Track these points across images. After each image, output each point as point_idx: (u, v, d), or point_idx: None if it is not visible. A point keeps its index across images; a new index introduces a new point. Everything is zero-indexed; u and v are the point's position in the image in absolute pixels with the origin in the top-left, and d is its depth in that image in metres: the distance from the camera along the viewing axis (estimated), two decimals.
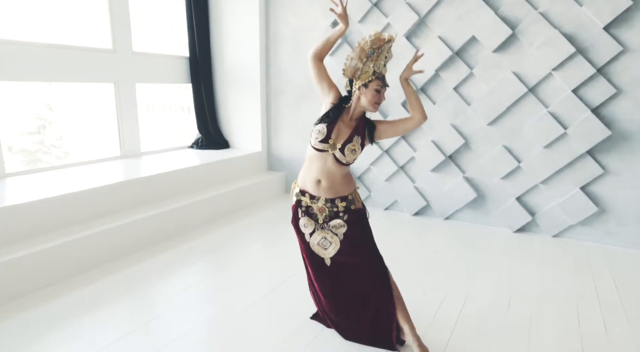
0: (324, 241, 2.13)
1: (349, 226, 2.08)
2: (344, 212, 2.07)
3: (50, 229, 3.21)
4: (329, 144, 1.99)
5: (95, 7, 4.47)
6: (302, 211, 2.14)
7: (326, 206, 2.07)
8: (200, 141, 5.51)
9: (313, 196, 2.09)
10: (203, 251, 3.67)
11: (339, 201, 2.06)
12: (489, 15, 3.88)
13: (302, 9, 4.88)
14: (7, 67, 3.69)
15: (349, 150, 1.98)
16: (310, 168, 2.07)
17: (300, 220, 2.16)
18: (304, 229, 2.16)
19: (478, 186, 4.31)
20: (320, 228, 2.12)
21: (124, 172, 4.14)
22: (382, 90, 1.99)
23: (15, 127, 8.69)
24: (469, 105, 4.16)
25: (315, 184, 2.06)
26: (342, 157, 1.99)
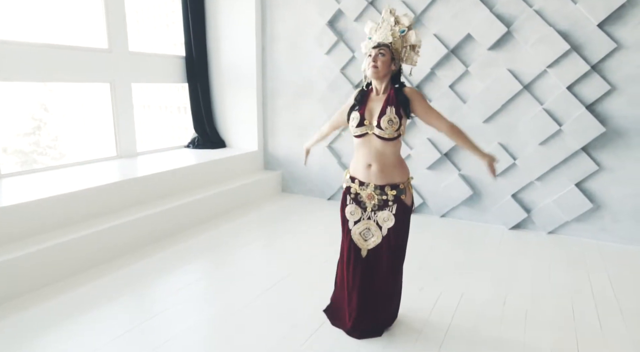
0: (366, 232, 2.13)
1: (396, 221, 2.07)
2: (393, 201, 2.05)
3: (47, 230, 3.21)
4: (365, 125, 2.03)
5: (91, 7, 4.46)
6: (351, 198, 2.15)
7: (375, 193, 2.05)
8: (196, 141, 5.51)
9: (362, 182, 2.09)
10: (200, 250, 3.68)
11: (389, 189, 2.04)
12: (484, 13, 3.89)
13: (299, 7, 4.89)
14: (1, 67, 3.67)
15: (385, 122, 1.97)
16: (359, 154, 2.10)
17: (348, 207, 2.17)
18: (350, 216, 2.15)
19: (474, 184, 4.33)
20: (367, 218, 2.11)
21: (120, 172, 4.13)
22: (375, 51, 2.01)
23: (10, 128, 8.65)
24: (464, 103, 4.18)
25: (366, 169, 2.07)
26: (383, 132, 1.98)
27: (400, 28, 2.05)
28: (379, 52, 2.00)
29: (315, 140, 2.53)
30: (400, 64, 2.09)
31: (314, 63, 4.84)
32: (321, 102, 4.90)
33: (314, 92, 4.94)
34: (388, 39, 2.03)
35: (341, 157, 4.97)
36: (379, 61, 2.00)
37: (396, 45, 2.05)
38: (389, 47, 2.02)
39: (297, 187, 5.40)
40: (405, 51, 2.07)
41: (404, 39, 2.06)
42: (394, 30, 2.05)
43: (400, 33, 2.05)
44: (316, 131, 2.59)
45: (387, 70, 2.03)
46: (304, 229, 4.17)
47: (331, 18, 4.65)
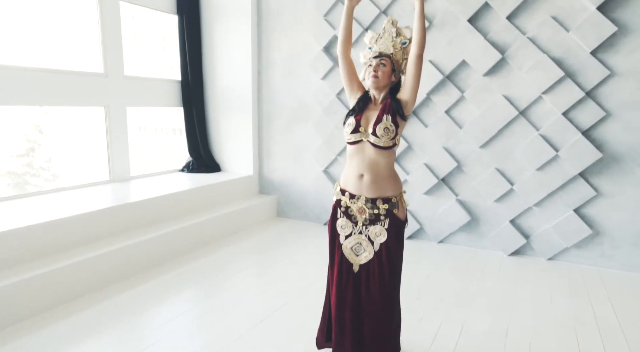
0: (358, 247, 2.04)
1: (389, 235, 1.98)
2: (385, 215, 1.97)
3: (35, 257, 3.10)
4: (360, 132, 1.97)
5: (88, 32, 4.47)
6: (342, 212, 2.07)
7: (366, 207, 1.98)
8: (191, 165, 5.46)
9: (353, 195, 2.01)
10: (193, 278, 3.57)
11: (381, 202, 1.96)
12: (478, 40, 3.94)
13: (294, 33, 4.93)
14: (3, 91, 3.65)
15: (381, 130, 1.91)
16: (351, 164, 2.02)
17: (339, 220, 2.08)
18: (341, 230, 2.07)
19: (471, 209, 4.29)
20: (358, 232, 2.03)
21: (112, 197, 4.05)
22: (375, 61, 1.98)
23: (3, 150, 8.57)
24: (460, 128, 4.18)
25: (357, 179, 1.99)
26: (378, 140, 1.92)
27: (401, 40, 2.03)
28: (380, 62, 1.97)
29: (349, 16, 2.12)
30: (400, 75, 2.07)
31: (310, 88, 4.86)
32: (317, 127, 4.89)
33: (310, 117, 4.94)
34: (389, 49, 2.01)
35: (337, 181, 4.91)
36: (380, 71, 1.97)
37: (397, 57, 2.02)
38: (390, 58, 1.99)
39: (292, 212, 5.32)
40: (406, 63, 2.03)
41: (405, 51, 2.04)
42: (395, 41, 2.02)
43: (401, 45, 2.02)
44: None
45: (387, 80, 2.00)
46: (299, 256, 4.08)
47: (327, 44, 4.68)
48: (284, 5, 4.96)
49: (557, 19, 3.71)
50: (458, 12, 4.00)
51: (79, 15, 4.50)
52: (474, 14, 3.94)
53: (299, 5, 4.84)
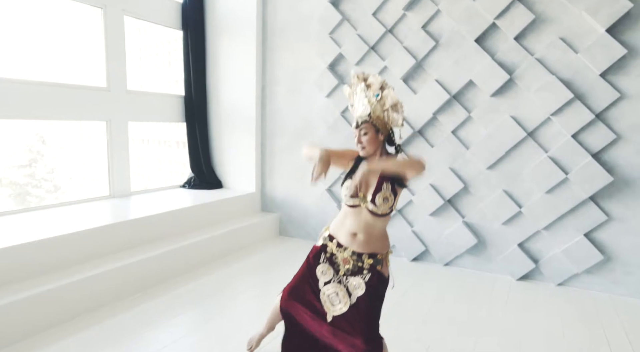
0: (334, 297, 1.98)
1: (367, 291, 1.93)
2: (368, 270, 1.94)
3: (28, 276, 3.00)
4: (360, 197, 1.92)
5: (92, 45, 4.45)
6: (326, 257, 2.03)
7: (352, 258, 1.95)
8: (192, 181, 5.38)
9: (341, 244, 1.98)
10: (191, 299, 3.46)
11: (367, 257, 1.94)
12: (486, 60, 3.89)
13: (299, 50, 4.91)
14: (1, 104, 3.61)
15: (380, 199, 1.88)
16: (345, 222, 1.99)
17: (320, 266, 2.04)
18: (321, 275, 2.03)
19: (478, 231, 4.19)
20: (338, 281, 1.99)
21: (111, 214, 3.97)
22: (357, 132, 1.94)
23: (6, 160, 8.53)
24: (467, 149, 4.10)
25: (350, 237, 1.96)
26: (376, 208, 1.89)
27: (373, 93, 1.94)
28: (360, 132, 1.93)
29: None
30: (388, 129, 1.96)
31: (314, 105, 4.81)
32: (321, 144, 4.81)
33: (314, 135, 4.88)
34: (366, 110, 1.93)
35: (341, 201, 4.82)
36: (365, 142, 1.93)
37: (376, 113, 1.92)
38: (369, 121, 1.92)
39: (294, 231, 5.22)
40: (387, 114, 1.94)
41: (381, 102, 1.94)
42: (369, 96, 1.94)
43: (375, 98, 1.93)
44: None
45: (375, 145, 1.95)
46: None
47: (332, 61, 4.65)
48: (289, 22, 4.95)
49: (565, 41, 3.67)
50: (465, 32, 3.96)
51: (83, 29, 4.49)
52: (481, 34, 3.91)
53: (305, 23, 4.83)
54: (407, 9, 4.21)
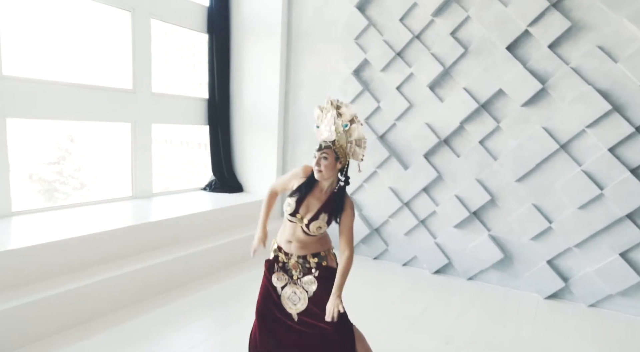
0: (293, 296, 2.11)
1: (319, 284, 2.05)
2: (315, 268, 2.07)
3: (47, 277, 3.02)
4: (297, 218, 2.02)
5: (118, 48, 4.50)
6: (279, 266, 2.15)
7: (299, 262, 2.08)
8: (213, 184, 5.38)
9: (287, 252, 2.11)
10: (210, 304, 3.43)
11: (311, 257, 2.08)
12: (517, 68, 3.74)
13: (324, 55, 4.85)
14: (31, 105, 3.67)
15: (314, 227, 1.99)
16: (285, 230, 2.11)
17: (274, 275, 2.15)
18: (277, 282, 2.14)
19: (505, 246, 4.02)
20: (294, 283, 2.12)
21: (133, 216, 3.99)
22: (318, 155, 1.97)
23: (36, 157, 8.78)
24: (495, 160, 3.95)
25: (287, 243, 2.10)
26: (308, 231, 2.01)
27: (342, 122, 1.98)
28: (321, 156, 1.96)
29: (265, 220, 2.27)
30: (347, 159, 2.01)
31: None
32: None
33: None
34: (332, 135, 1.97)
35: (362, 209, 4.74)
36: (322, 166, 1.96)
37: (340, 142, 1.98)
38: (332, 148, 1.96)
39: None
40: (351, 146, 2.01)
41: (348, 133, 1.99)
42: (337, 124, 1.98)
43: (343, 128, 1.98)
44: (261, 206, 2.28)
45: (332, 172, 1.99)
46: None
47: (357, 67, 4.57)
48: (314, 26, 4.90)
49: (603, 49, 3.49)
50: (495, 39, 3.83)
51: (111, 32, 4.55)
52: (513, 41, 3.77)
53: (330, 28, 4.77)
54: (435, 14, 4.10)
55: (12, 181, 3.65)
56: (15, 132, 5.86)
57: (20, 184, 7.97)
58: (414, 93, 4.31)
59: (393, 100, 4.38)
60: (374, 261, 4.73)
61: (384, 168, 4.52)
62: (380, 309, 3.50)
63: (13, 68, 3.63)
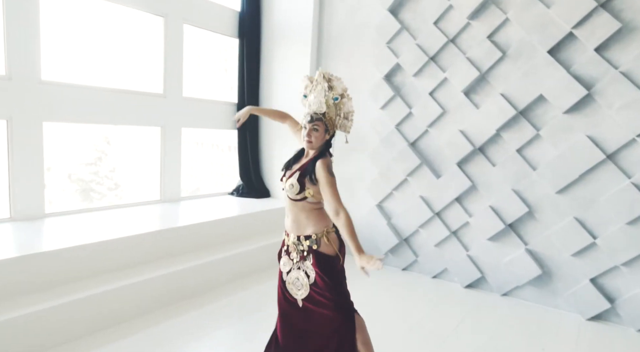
0: (296, 281, 2.11)
1: (316, 272, 2.02)
2: (308, 252, 2.04)
3: (69, 281, 3.01)
4: (282, 181, 2.10)
5: (151, 53, 4.56)
6: (284, 250, 2.16)
7: (294, 243, 2.07)
8: (241, 188, 5.37)
9: (288, 233, 2.13)
10: (232, 313, 3.38)
11: (304, 239, 2.05)
12: (560, 73, 3.53)
13: (354, 60, 4.76)
14: (65, 109, 3.75)
15: (288, 184, 2.02)
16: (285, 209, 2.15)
17: (282, 259, 2.17)
18: (283, 267, 2.16)
19: (543, 261, 3.78)
20: (297, 268, 2.09)
21: (160, 220, 4.00)
22: (309, 126, 2.01)
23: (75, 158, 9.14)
24: (534, 170, 3.73)
25: (286, 219, 2.13)
26: (287, 192, 2.03)
27: (333, 95, 2.05)
28: (312, 127, 2.01)
29: (261, 109, 2.60)
30: (334, 130, 2.09)
31: (367, 117, 4.62)
32: (372, 157, 4.63)
33: (366, 147, 4.68)
34: (322, 107, 2.02)
35: (391, 218, 4.59)
36: (313, 137, 2.02)
37: (330, 114, 2.05)
38: (322, 119, 2.02)
39: None
40: (339, 119, 2.09)
41: (338, 106, 2.07)
42: (328, 96, 2.04)
43: (333, 100, 2.05)
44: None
45: (321, 142, 2.05)
46: None
47: (388, 72, 4.45)
48: (345, 30, 4.82)
49: None
50: (536, 43, 3.62)
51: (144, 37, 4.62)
52: (555, 44, 3.55)
53: (362, 32, 4.68)
54: (472, 17, 3.94)
55: (54, 180, 3.74)
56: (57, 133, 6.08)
57: (60, 183, 8.28)
58: (447, 99, 4.14)
59: (425, 106, 4.23)
60: (402, 271, 4.57)
61: (414, 176, 4.37)
62: (408, 323, 3.35)
63: (50, 73, 3.72)
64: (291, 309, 2.14)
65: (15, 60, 3.43)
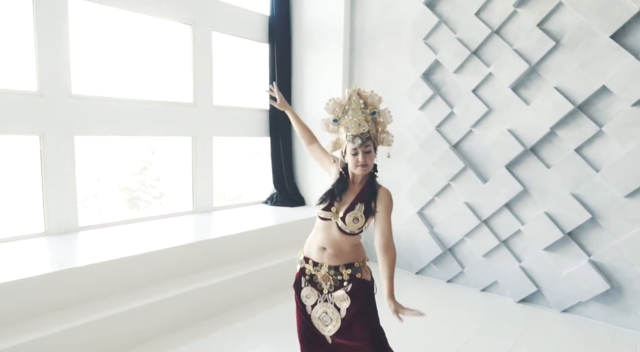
0: (324, 316, 1.89)
1: (352, 300, 1.83)
2: (348, 281, 1.84)
3: (99, 297, 2.95)
4: (332, 212, 1.82)
5: (180, 62, 4.51)
6: (306, 280, 1.94)
7: (330, 274, 1.86)
8: (275, 197, 5.21)
9: (316, 262, 1.90)
10: (268, 329, 3.19)
11: (343, 268, 1.85)
12: (627, 60, 3.10)
13: (390, 59, 4.49)
14: (96, 122, 3.74)
15: (350, 219, 1.78)
16: (316, 236, 1.91)
17: (303, 290, 1.95)
18: (306, 300, 1.94)
19: (611, 275, 3.34)
20: (324, 300, 1.89)
21: (191, 232, 3.90)
22: (360, 149, 1.79)
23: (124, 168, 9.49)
24: (597, 172, 3.31)
25: (319, 251, 1.88)
26: (344, 226, 1.79)
27: (371, 110, 1.86)
28: (366, 150, 1.80)
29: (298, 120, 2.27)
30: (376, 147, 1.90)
31: (405, 119, 4.32)
32: (411, 162, 4.33)
33: (404, 151, 4.39)
34: (363, 126, 1.81)
35: (434, 226, 4.26)
36: (368, 159, 1.81)
37: (372, 132, 1.85)
38: (370, 138, 1.82)
39: None
40: (381, 134, 1.91)
41: (376, 121, 1.88)
42: (366, 113, 1.85)
43: (371, 116, 1.86)
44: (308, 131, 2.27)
45: (372, 163, 1.85)
46: None
47: (426, 70, 4.15)
48: (379, 29, 4.56)
49: None
50: (596, 27, 3.21)
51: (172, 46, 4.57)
52: (619, 28, 3.13)
53: (396, 29, 4.40)
54: (518, 5, 3.57)
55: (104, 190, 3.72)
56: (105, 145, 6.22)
57: (110, 192, 8.60)
58: (493, 96, 3.79)
59: (468, 104, 3.89)
60: (447, 283, 4.23)
61: (458, 181, 4.03)
62: (455, 342, 3.03)
63: (81, 87, 3.72)
64: (318, 346, 1.92)
65: (46, 76, 3.44)
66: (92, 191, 7.98)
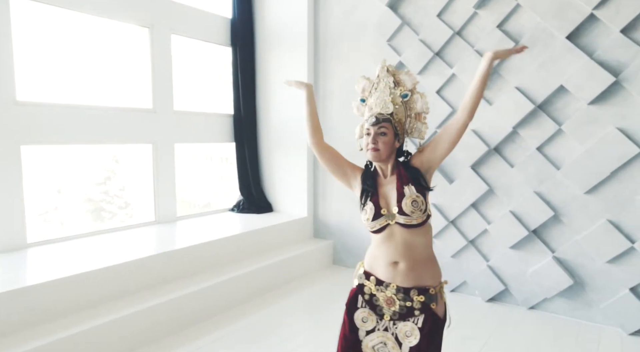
0: (382, 348, 1.58)
1: (422, 339, 1.52)
2: (420, 310, 1.54)
3: (59, 315, 2.75)
4: (384, 215, 1.56)
5: (137, 67, 4.32)
6: (364, 300, 1.62)
7: (397, 297, 1.55)
8: (241, 204, 5.08)
9: (381, 281, 1.58)
10: (240, 341, 3.06)
11: (416, 293, 1.54)
12: (582, 60, 3.18)
13: (354, 61, 4.46)
14: (46, 130, 3.52)
15: (409, 205, 1.52)
16: (381, 248, 1.59)
17: (358, 311, 1.62)
18: (362, 324, 1.61)
19: (574, 270, 3.41)
20: (383, 329, 1.58)
21: (154, 244, 3.72)
22: (373, 129, 1.56)
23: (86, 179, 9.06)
24: (558, 169, 3.37)
25: (389, 266, 1.57)
26: (409, 219, 1.52)
27: (401, 91, 1.61)
28: (379, 131, 1.56)
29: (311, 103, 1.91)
30: (404, 137, 1.64)
31: None
32: None
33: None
34: (388, 107, 1.58)
35: None
36: (381, 142, 1.56)
37: (399, 116, 1.60)
38: (391, 121, 1.57)
39: (350, 260, 4.70)
40: (410, 121, 1.64)
41: (407, 105, 1.62)
42: (394, 94, 1.60)
43: (402, 98, 1.61)
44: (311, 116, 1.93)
45: (390, 150, 1.58)
46: None
47: None
48: (342, 31, 4.53)
49: None
50: (553, 28, 3.28)
51: (128, 50, 4.37)
52: (574, 29, 3.21)
53: (360, 31, 4.38)
54: (478, 6, 3.61)
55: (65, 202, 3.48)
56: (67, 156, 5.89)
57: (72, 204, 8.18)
58: (456, 97, 3.81)
59: (433, 105, 3.89)
60: None
61: None
62: None
63: (27, 94, 3.48)
64: None
65: None
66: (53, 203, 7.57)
